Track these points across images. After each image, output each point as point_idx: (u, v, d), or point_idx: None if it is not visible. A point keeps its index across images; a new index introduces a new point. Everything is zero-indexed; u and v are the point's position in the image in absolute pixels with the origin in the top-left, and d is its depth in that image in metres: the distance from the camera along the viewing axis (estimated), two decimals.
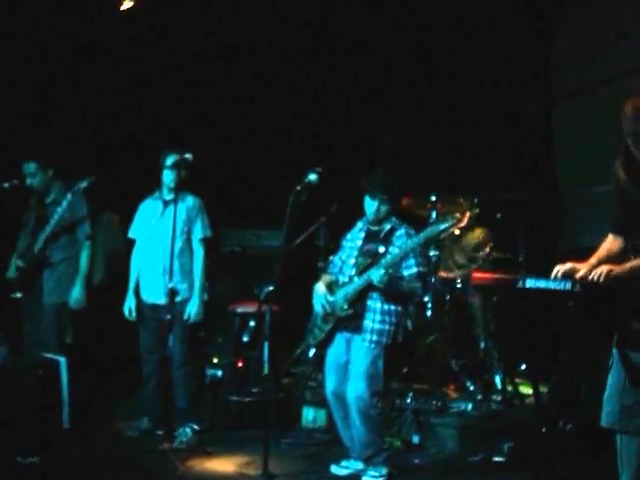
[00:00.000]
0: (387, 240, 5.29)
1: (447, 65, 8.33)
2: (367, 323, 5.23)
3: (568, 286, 3.78)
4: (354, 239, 5.48)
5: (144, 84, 8.14)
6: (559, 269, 3.93)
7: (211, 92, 8.51)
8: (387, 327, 5.24)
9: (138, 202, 6.35)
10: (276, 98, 8.63)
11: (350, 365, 5.28)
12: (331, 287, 5.43)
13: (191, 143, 6.52)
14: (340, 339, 5.36)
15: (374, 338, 5.21)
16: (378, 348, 5.22)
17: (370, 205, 5.32)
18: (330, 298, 5.37)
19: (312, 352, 6.63)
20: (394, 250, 5.15)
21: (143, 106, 8.12)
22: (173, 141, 6.76)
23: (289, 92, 8.68)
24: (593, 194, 7.61)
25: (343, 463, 5.41)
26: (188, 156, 5.87)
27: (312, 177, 5.35)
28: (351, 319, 5.27)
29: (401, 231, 5.29)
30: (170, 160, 5.96)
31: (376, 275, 5.06)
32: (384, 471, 5.24)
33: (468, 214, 6.79)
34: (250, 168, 8.52)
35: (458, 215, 5.05)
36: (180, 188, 5.99)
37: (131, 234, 6.31)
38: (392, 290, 5.17)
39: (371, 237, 5.38)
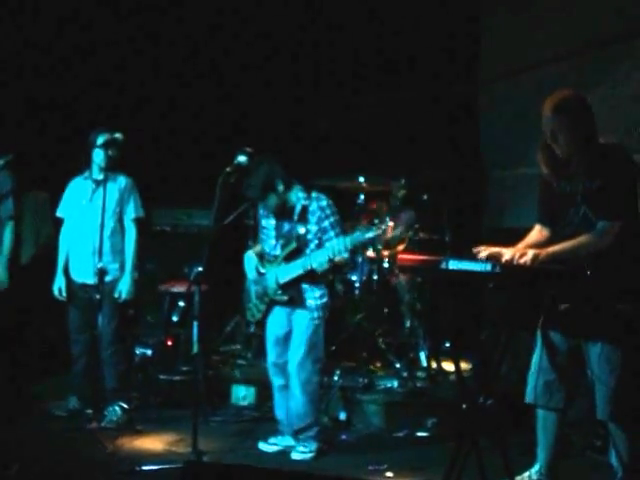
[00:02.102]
0: (303, 219, 5.32)
1: (374, 45, 8.41)
2: (310, 302, 5.31)
3: (489, 268, 3.91)
4: (266, 218, 5.52)
5: (72, 61, 8.04)
6: (484, 251, 4.06)
7: (140, 69, 8.44)
8: (326, 300, 5.35)
9: (66, 180, 6.30)
10: (207, 77, 8.61)
11: (292, 335, 5.36)
12: (262, 257, 5.49)
13: (121, 122, 6.50)
14: (280, 311, 5.42)
15: (320, 314, 5.32)
16: (321, 320, 5.34)
17: (265, 207, 5.41)
18: (261, 270, 5.42)
19: (252, 329, 6.71)
20: (314, 227, 5.23)
21: (70, 83, 8.02)
22: (102, 119, 6.71)
23: (221, 71, 8.67)
24: (515, 176, 7.81)
25: (271, 440, 5.51)
26: (118, 136, 5.85)
27: (242, 159, 5.38)
28: (291, 301, 5.34)
29: (313, 206, 5.30)
30: (101, 139, 5.93)
31: (319, 264, 5.12)
32: (314, 447, 5.34)
33: (391, 224, 6.78)
34: (181, 146, 8.50)
35: (384, 226, 5.15)
36: (111, 168, 5.97)
37: (60, 213, 6.27)
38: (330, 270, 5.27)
39: (283, 215, 5.39)
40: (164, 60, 8.53)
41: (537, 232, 4.33)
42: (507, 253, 4.02)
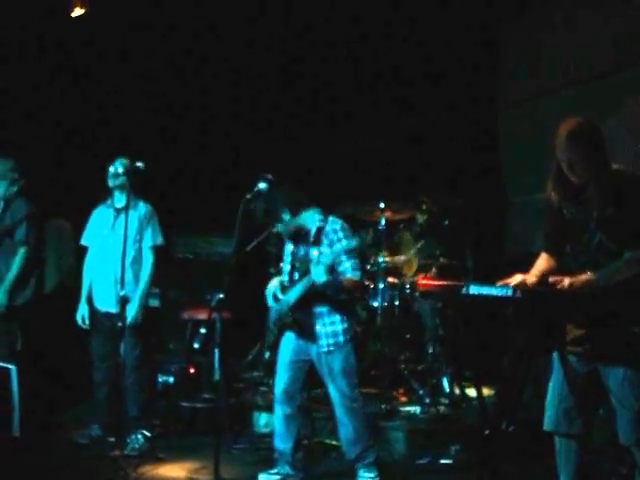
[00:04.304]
0: (318, 242, 5.30)
1: (396, 74, 8.45)
2: (319, 329, 5.28)
3: (509, 292, 3.90)
4: (286, 243, 5.57)
5: (97, 89, 8.15)
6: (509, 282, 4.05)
7: (164, 98, 8.54)
8: (339, 327, 5.29)
9: (90, 209, 6.36)
10: (227, 106, 8.69)
11: (319, 369, 5.34)
12: (283, 287, 5.47)
13: (144, 150, 6.54)
14: (292, 338, 5.39)
15: (330, 342, 5.27)
16: (340, 347, 5.28)
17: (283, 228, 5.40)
18: (279, 295, 5.42)
19: (267, 355, 6.64)
20: (326, 249, 5.19)
21: (96, 113, 8.13)
22: (125, 148, 6.76)
23: (241, 101, 8.75)
24: (539, 201, 7.77)
25: (272, 471, 5.44)
26: (139, 164, 5.87)
27: (262, 186, 5.41)
28: (298, 326, 5.33)
29: (327, 229, 5.28)
30: (113, 169, 5.99)
31: (316, 274, 5.06)
32: (376, 472, 5.33)
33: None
34: (204, 174, 8.56)
35: (366, 236, 5.11)
36: (131, 197, 6.01)
37: (83, 242, 6.32)
38: (333, 288, 5.20)
39: (300, 239, 5.40)
40: (187, 90, 8.62)
41: (545, 261, 4.30)
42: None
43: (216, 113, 8.63)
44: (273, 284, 5.52)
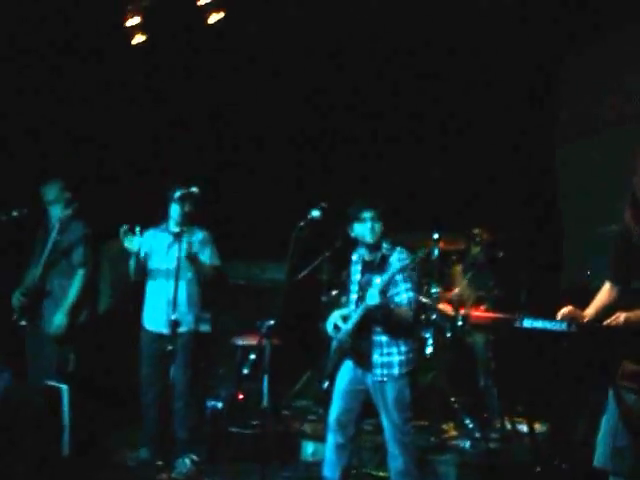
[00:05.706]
0: (381, 269, 5.24)
1: (451, 106, 8.43)
2: (375, 358, 5.25)
3: (564, 327, 3.84)
4: (354, 274, 5.52)
5: (155, 115, 8.27)
6: (561, 313, 3.98)
7: (219, 124, 8.62)
8: (395, 358, 5.25)
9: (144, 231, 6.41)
10: (283, 131, 8.74)
11: (374, 400, 5.30)
12: (345, 318, 5.45)
13: (199, 176, 6.60)
14: (351, 368, 5.36)
15: (384, 372, 5.22)
16: (393, 379, 5.23)
17: (362, 229, 5.29)
18: (341, 325, 5.38)
19: (325, 384, 6.59)
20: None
21: (151, 137, 8.23)
22: (181, 174, 6.84)
23: (297, 126, 8.80)
24: (596, 234, 7.66)
25: None
26: (194, 190, 5.95)
27: (315, 214, 5.41)
28: (356, 354, 5.30)
29: (393, 258, 5.24)
30: (177, 193, 6.05)
31: (370, 298, 5.06)
32: None
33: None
34: (257, 201, 8.60)
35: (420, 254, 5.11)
36: (186, 222, 6.07)
37: None
38: (387, 316, 5.17)
39: (367, 267, 5.37)
40: (241, 113, 8.70)
41: (606, 293, 4.21)
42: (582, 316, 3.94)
43: (271, 139, 8.68)
44: (334, 315, 5.49)
